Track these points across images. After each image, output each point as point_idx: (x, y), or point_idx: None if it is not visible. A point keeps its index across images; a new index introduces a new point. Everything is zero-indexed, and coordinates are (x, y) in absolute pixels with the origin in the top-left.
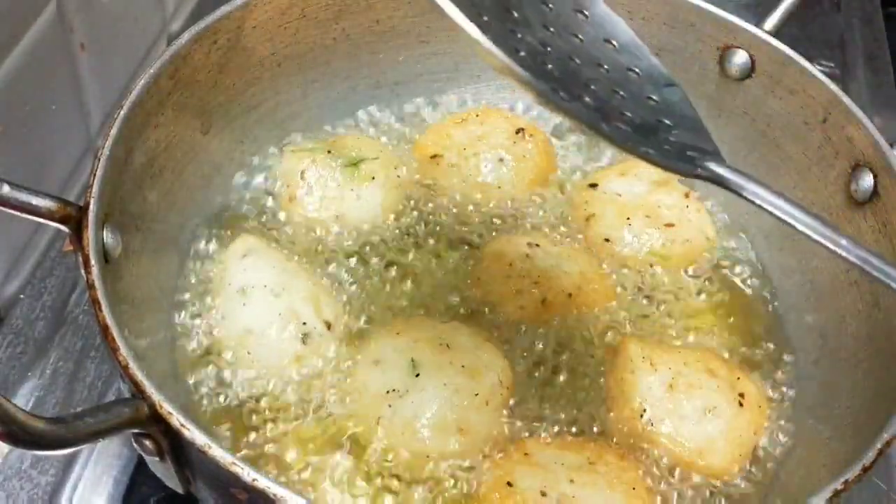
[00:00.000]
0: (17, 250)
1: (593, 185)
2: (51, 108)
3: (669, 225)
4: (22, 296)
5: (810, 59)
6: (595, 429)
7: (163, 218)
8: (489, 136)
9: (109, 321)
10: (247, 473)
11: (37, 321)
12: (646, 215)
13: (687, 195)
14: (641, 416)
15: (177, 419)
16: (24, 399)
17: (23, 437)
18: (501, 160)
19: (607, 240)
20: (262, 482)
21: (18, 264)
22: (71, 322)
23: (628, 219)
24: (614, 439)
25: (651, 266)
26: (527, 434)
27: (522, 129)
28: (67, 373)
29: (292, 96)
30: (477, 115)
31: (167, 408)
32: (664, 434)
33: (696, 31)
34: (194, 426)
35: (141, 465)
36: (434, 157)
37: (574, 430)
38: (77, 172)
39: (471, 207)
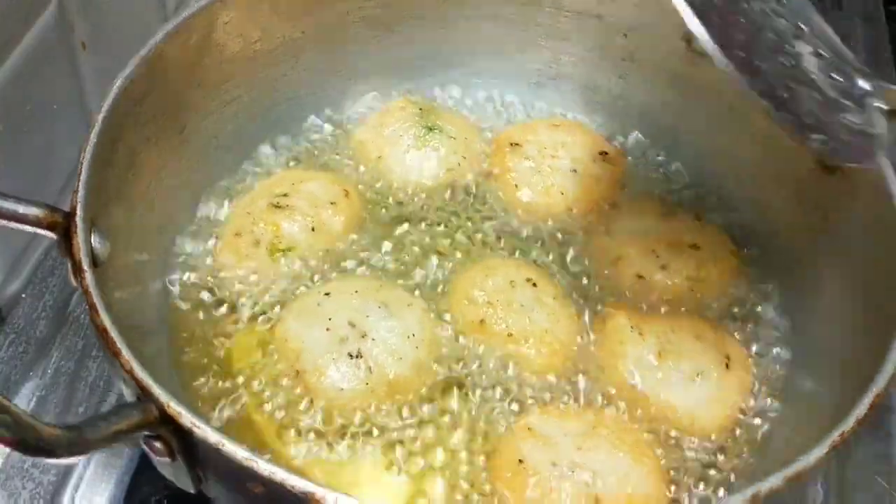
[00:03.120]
0: (18, 250)
1: (608, 233)
2: (52, 108)
3: (694, 247)
4: (23, 295)
5: None
6: (591, 398)
7: (145, 219)
8: (573, 147)
9: (108, 325)
10: (263, 467)
11: (38, 321)
12: (668, 244)
13: (698, 216)
14: (633, 383)
15: (187, 419)
16: (25, 399)
17: (38, 445)
18: (575, 171)
19: (641, 276)
20: (280, 475)
21: (20, 264)
22: (72, 322)
23: (654, 251)
24: (610, 407)
25: (691, 291)
26: None
27: (606, 153)
28: (69, 372)
29: (264, 92)
30: (568, 126)
31: (175, 408)
32: (657, 400)
33: (662, 9)
34: (205, 424)
35: (142, 465)
36: (514, 145)
37: (571, 399)
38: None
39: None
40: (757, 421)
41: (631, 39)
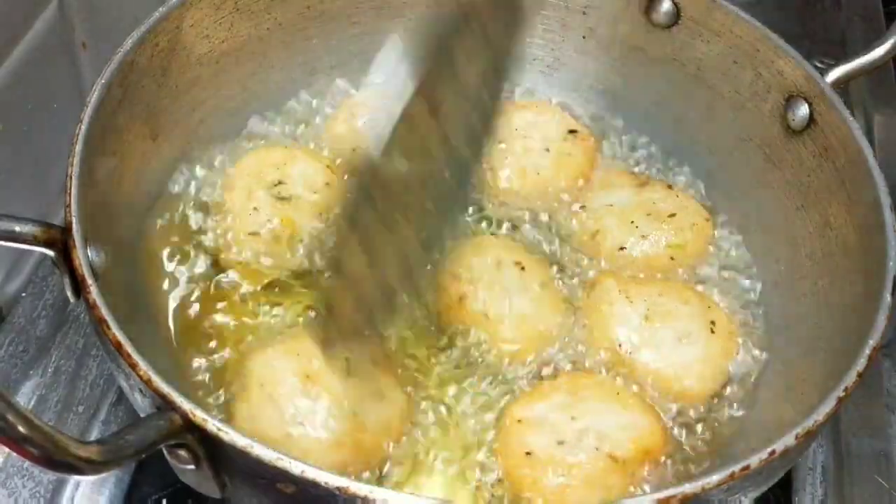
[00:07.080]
0: (19, 248)
1: (582, 207)
2: (52, 107)
3: (672, 215)
4: (24, 294)
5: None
6: (576, 363)
7: (127, 228)
8: (543, 127)
9: (121, 338)
10: (295, 466)
11: (38, 319)
12: (646, 214)
13: (670, 187)
14: (620, 346)
15: (213, 424)
16: (25, 397)
17: (67, 462)
18: (547, 150)
19: (622, 248)
20: (312, 472)
21: (20, 262)
22: (73, 320)
23: (632, 222)
24: (593, 370)
25: (672, 259)
26: None
27: (575, 131)
28: (69, 371)
29: (232, 91)
30: (536, 106)
31: (201, 415)
32: (643, 362)
33: None
34: (231, 428)
35: (142, 465)
36: None
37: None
38: None
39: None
40: (748, 384)
41: (590, 16)
